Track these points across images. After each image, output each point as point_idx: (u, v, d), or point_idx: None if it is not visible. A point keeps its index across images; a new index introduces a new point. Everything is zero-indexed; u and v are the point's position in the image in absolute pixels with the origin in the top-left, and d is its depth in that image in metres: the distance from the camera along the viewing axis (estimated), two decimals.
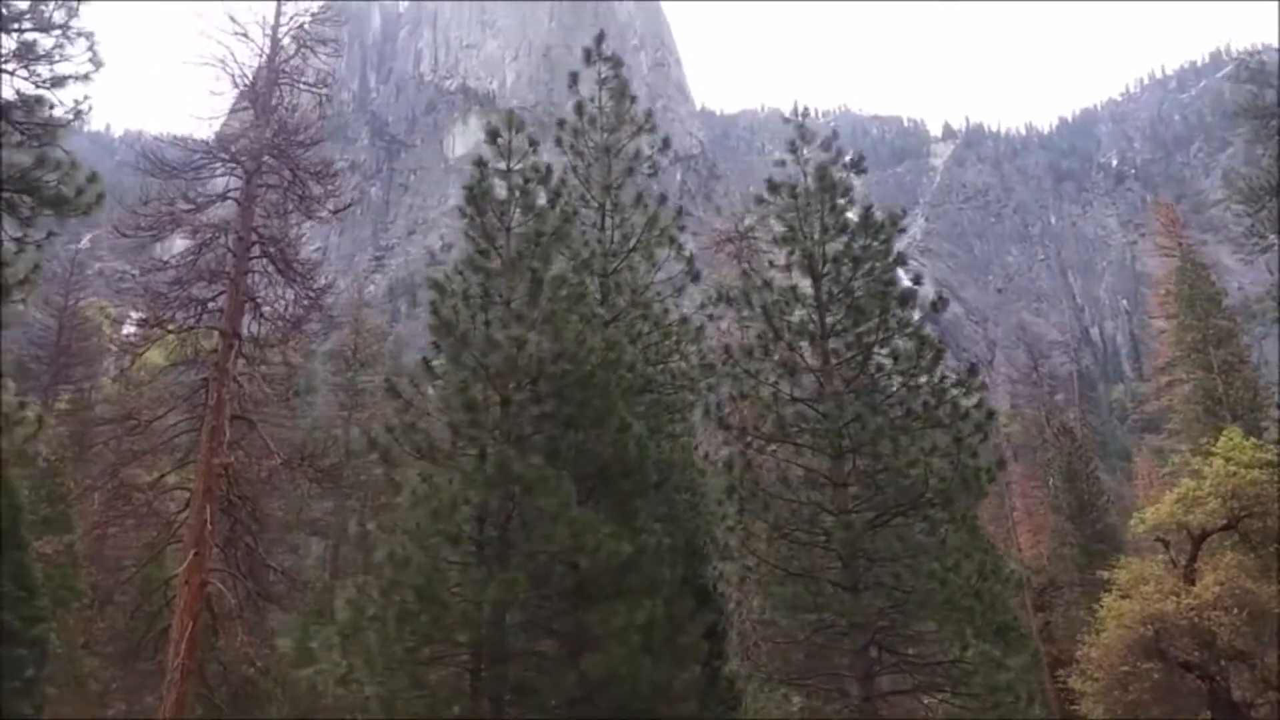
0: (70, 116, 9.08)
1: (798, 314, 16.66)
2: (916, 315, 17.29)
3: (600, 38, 18.67)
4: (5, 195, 8.64)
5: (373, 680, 9.96)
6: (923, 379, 16.04)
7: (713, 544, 16.44)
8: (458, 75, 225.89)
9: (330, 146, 27.68)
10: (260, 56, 28.95)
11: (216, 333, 25.79)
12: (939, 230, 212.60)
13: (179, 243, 30.70)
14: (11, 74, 8.66)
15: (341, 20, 31.09)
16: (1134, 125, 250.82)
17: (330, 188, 29.23)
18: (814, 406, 16.38)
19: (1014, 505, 52.62)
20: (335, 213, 29.89)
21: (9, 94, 8.83)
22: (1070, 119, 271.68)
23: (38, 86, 8.80)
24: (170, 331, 25.44)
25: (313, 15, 29.23)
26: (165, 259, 30.53)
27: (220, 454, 23.95)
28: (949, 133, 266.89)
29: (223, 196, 27.48)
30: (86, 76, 8.77)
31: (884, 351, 16.40)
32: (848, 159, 18.19)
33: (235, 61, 27.92)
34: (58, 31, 8.68)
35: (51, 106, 8.98)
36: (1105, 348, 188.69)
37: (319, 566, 40.02)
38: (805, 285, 17.44)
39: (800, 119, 19.04)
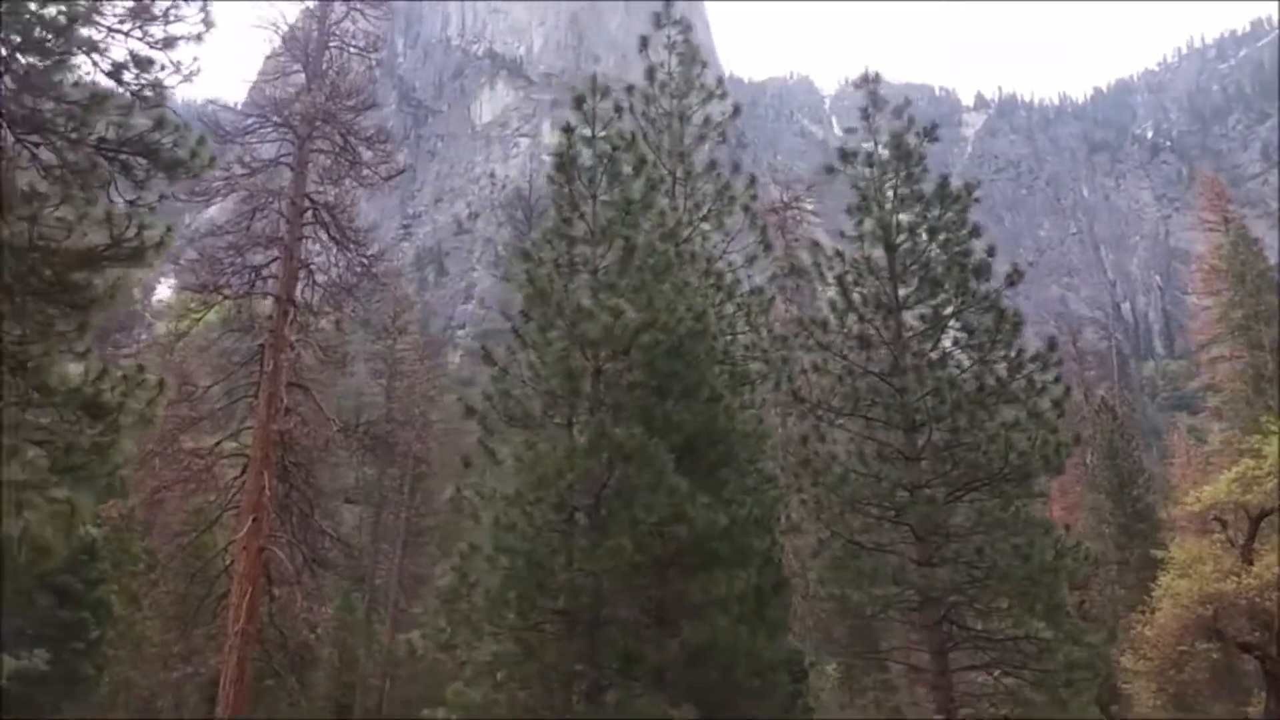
0: (181, 78, 8.94)
1: (871, 285, 16.44)
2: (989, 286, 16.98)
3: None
4: (122, 157, 8.57)
5: (477, 645, 9.98)
6: (999, 352, 15.82)
7: (777, 517, 16.35)
8: (484, 40, 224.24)
9: None
10: (311, 19, 28.87)
11: (271, 298, 25.93)
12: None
13: (215, 211, 30.80)
14: (126, 34, 8.53)
15: None
16: (1171, 96, 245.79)
17: (382, 153, 29.21)
18: (887, 380, 16.20)
19: (1048, 480, 52.25)
20: (387, 179, 29.87)
21: (121, 55, 8.70)
22: (1105, 89, 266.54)
23: (151, 47, 8.67)
24: (226, 297, 25.56)
25: None
26: (198, 227, 30.66)
27: (277, 420, 24.14)
28: (981, 102, 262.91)
29: (275, 162, 27.46)
30: (198, 37, 8.63)
31: (958, 324, 16.20)
32: (921, 127, 17.79)
33: (286, 23, 27.82)
34: None
35: (162, 67, 8.85)
36: (1137, 324, 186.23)
37: (356, 533, 40.44)
38: (876, 255, 17.21)
39: (872, 85, 18.62)
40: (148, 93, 8.91)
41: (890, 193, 16.96)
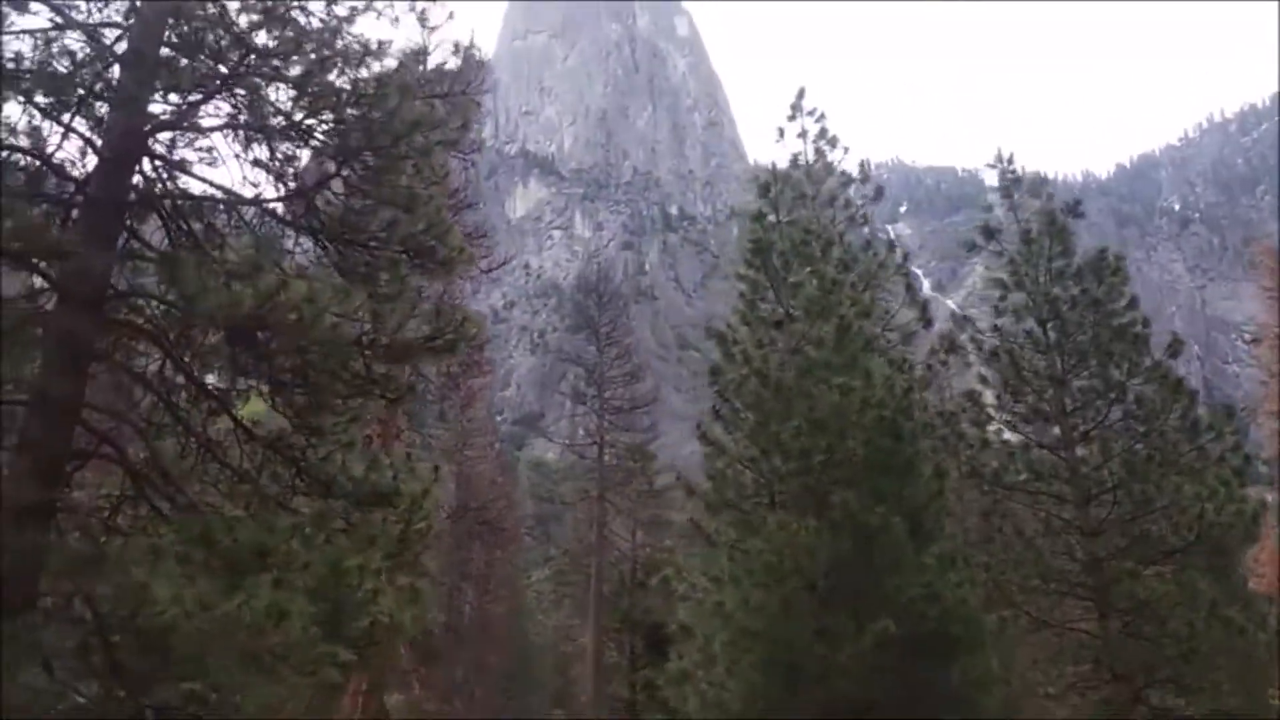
0: None
1: (1032, 360, 16.43)
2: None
3: (801, 92, 18.81)
4: (397, 254, 8.80)
5: None
6: (1172, 422, 15.67)
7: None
8: (517, 140, 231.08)
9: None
10: None
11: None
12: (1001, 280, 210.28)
13: None
14: None
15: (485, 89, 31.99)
16: (1195, 169, 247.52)
17: (483, 248, 29.94)
18: (1058, 453, 16.06)
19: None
20: (487, 271, 30.58)
21: None
22: (1129, 165, 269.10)
23: None
24: None
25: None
26: None
27: None
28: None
29: None
30: None
31: (1129, 397, 16.08)
32: (1064, 204, 18.03)
33: None
34: None
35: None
36: None
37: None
38: (1029, 329, 17.28)
39: (1007, 166, 19.04)
40: None
41: (1043, 267, 17.10)
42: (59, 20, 8.55)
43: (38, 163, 8.42)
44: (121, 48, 8.60)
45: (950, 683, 10.30)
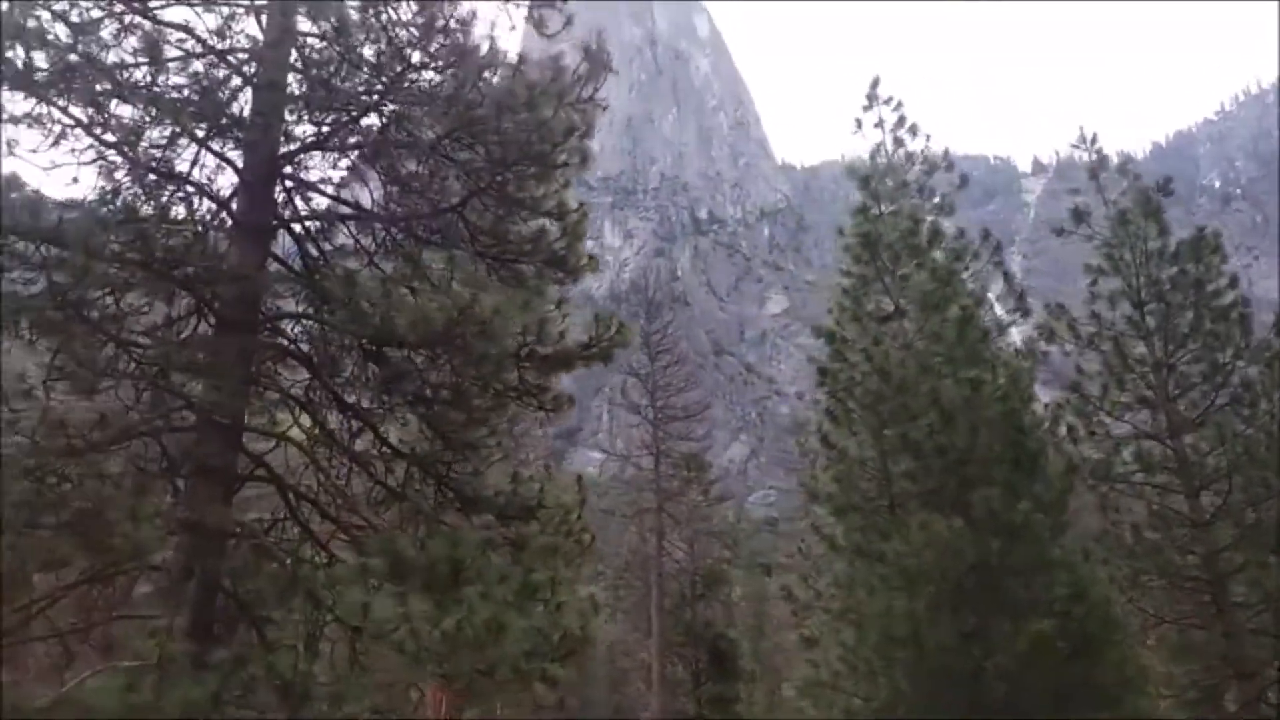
0: None
1: (1134, 346, 16.09)
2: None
3: (875, 81, 18.57)
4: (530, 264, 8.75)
5: None
6: None
7: None
8: None
9: None
10: None
11: None
12: (1039, 267, 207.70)
13: None
14: None
15: None
16: (1234, 144, 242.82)
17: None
18: (1164, 442, 15.70)
19: None
20: None
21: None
22: (1164, 143, 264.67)
23: None
24: None
25: None
26: None
27: None
28: (1039, 167, 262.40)
29: None
30: None
31: (1235, 380, 15.69)
32: (1155, 182, 17.65)
33: None
34: None
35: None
36: None
37: None
38: (1125, 314, 16.93)
39: (1092, 148, 18.71)
40: None
41: (1139, 250, 16.74)
42: (199, 49, 8.63)
43: (187, 187, 8.51)
44: (259, 71, 8.69)
45: (1100, 682, 10.05)
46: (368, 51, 7.48)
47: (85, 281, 6.06)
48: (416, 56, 7.36)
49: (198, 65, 8.58)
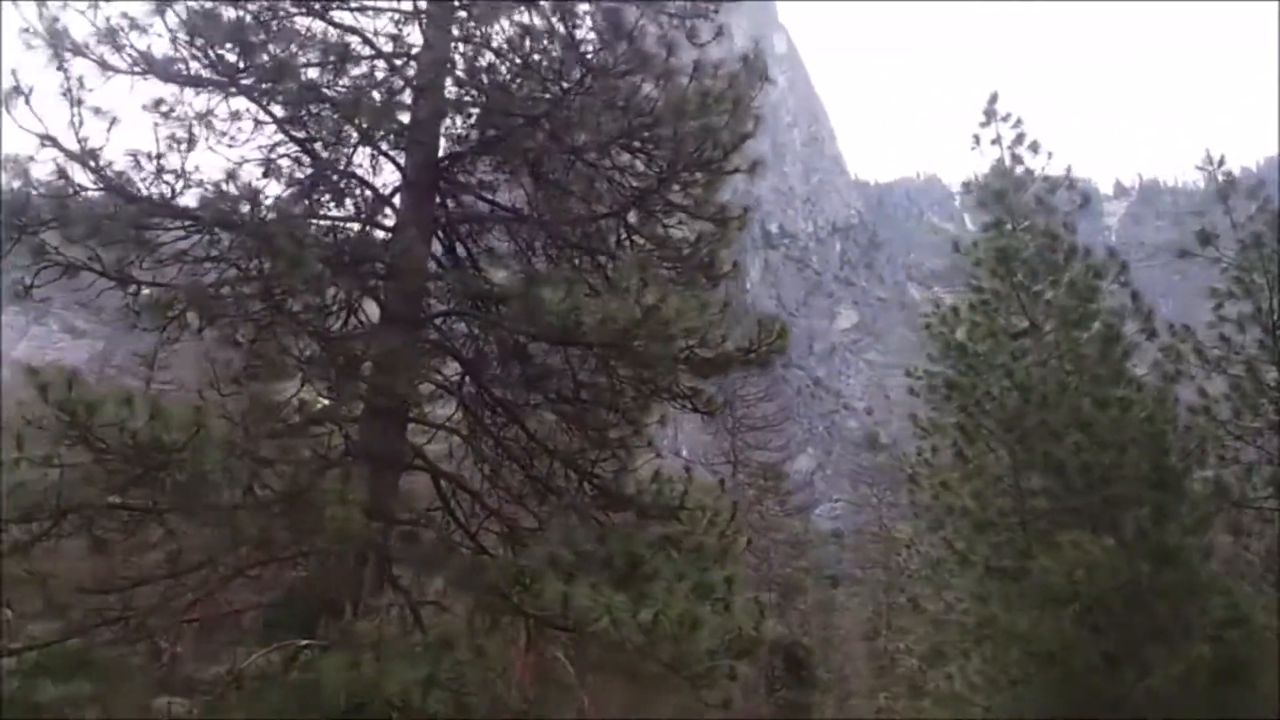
0: None
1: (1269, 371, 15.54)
2: None
3: (994, 97, 18.27)
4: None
5: None
6: None
7: None
8: None
9: None
10: None
11: None
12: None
13: None
14: None
15: None
16: None
17: None
18: None
19: None
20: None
21: None
22: (1255, 167, 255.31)
23: None
24: None
25: None
26: None
27: None
28: (1120, 190, 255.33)
29: None
30: None
31: None
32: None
33: None
34: None
35: None
36: None
37: None
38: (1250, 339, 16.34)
39: (1219, 168, 18.13)
40: None
41: (1265, 275, 16.15)
42: (369, 52, 8.91)
43: (355, 184, 8.77)
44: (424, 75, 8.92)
45: (1255, 709, 9.69)
46: (544, 56, 7.64)
47: (294, 275, 6.26)
48: (598, 61, 7.46)
49: (367, 68, 8.90)
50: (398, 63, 8.94)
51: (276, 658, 6.93)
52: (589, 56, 7.37)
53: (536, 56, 7.44)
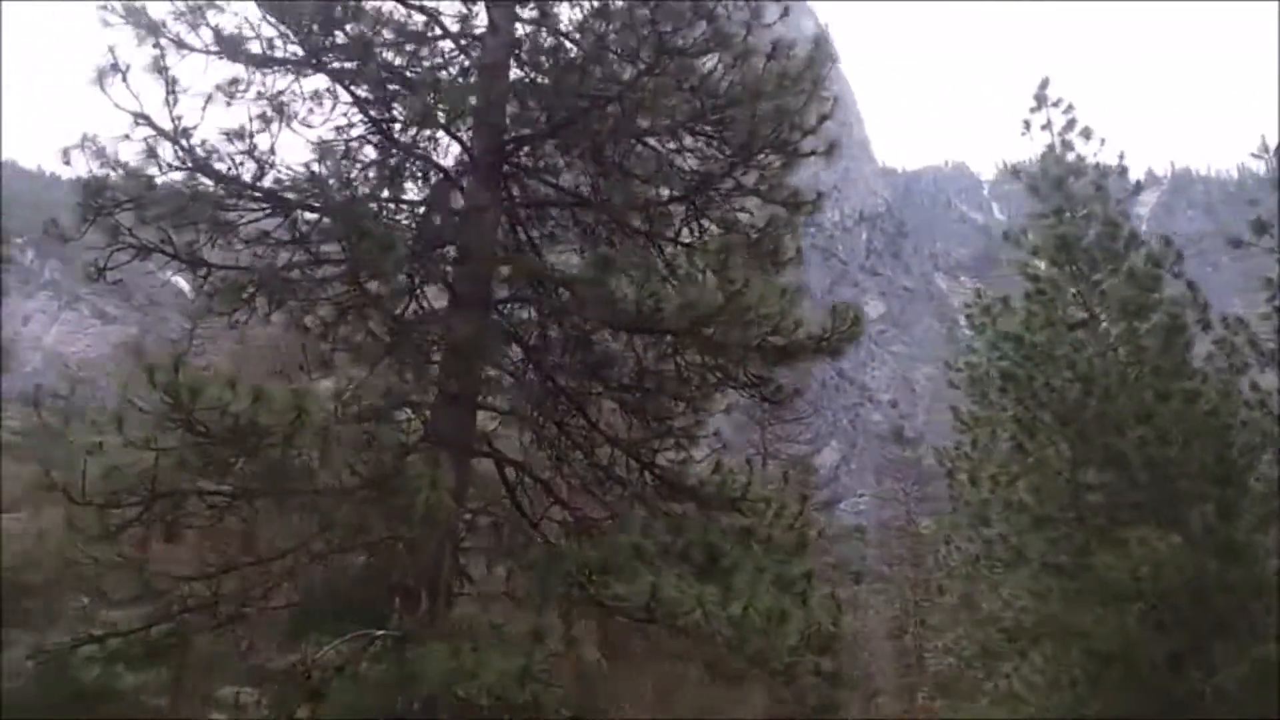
0: None
1: None
2: None
3: (1045, 83, 17.94)
4: None
5: None
6: None
7: None
8: None
9: None
10: None
11: None
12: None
13: None
14: None
15: None
16: None
17: None
18: None
19: None
20: None
21: None
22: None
23: None
24: None
25: None
26: None
27: None
28: (1152, 179, 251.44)
29: None
30: None
31: None
32: None
33: None
34: None
35: None
36: None
37: None
38: None
39: (1274, 155, 17.74)
40: None
41: None
42: (438, 32, 8.82)
43: (430, 167, 8.70)
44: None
45: None
46: (621, 38, 7.52)
47: (383, 258, 6.20)
48: (678, 42, 7.33)
49: (437, 49, 8.82)
50: (464, 43, 8.88)
51: (345, 648, 6.92)
52: (667, 37, 7.22)
53: (613, 36, 7.30)
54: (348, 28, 6.86)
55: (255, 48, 7.65)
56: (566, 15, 8.48)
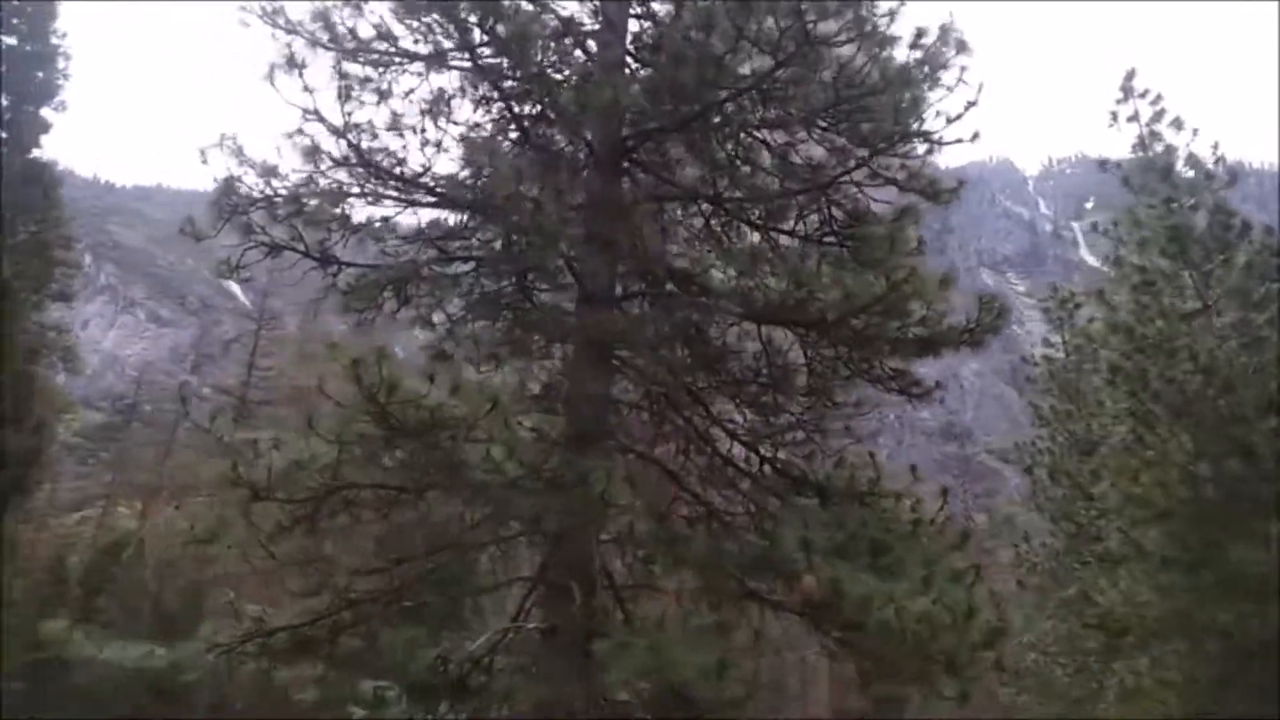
0: None
1: None
2: None
3: (1130, 73, 17.53)
4: None
5: None
6: None
7: None
8: None
9: None
10: None
11: None
12: None
13: None
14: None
15: None
16: None
17: None
18: None
19: None
20: None
21: None
22: None
23: None
24: None
25: None
26: None
27: None
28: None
29: None
30: None
31: None
32: None
33: None
34: None
35: None
36: None
37: None
38: None
39: None
40: None
41: None
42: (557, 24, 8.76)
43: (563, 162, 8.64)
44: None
45: None
46: (763, 29, 7.40)
47: (547, 253, 6.15)
48: (820, 30, 7.21)
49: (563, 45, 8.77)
50: (581, 37, 8.84)
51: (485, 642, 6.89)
52: (811, 26, 7.10)
53: (754, 27, 7.19)
54: (501, 25, 6.83)
55: (381, 46, 7.68)
56: (689, 8, 8.37)
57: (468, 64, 7.02)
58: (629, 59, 9.06)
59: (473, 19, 6.62)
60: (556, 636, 6.53)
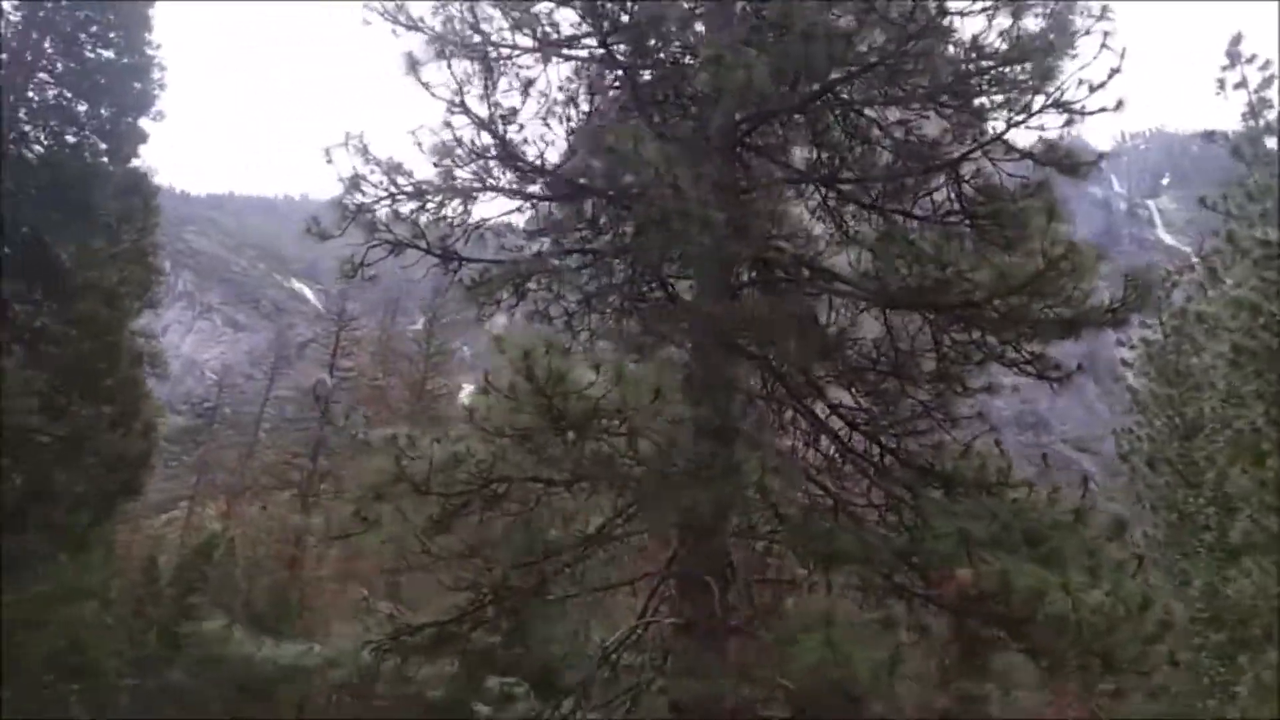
0: None
1: None
2: None
3: (1237, 38, 16.75)
4: None
5: None
6: None
7: None
8: None
9: None
10: None
11: None
12: None
13: None
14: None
15: None
16: None
17: None
18: None
19: None
20: None
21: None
22: None
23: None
24: None
25: None
26: None
27: None
28: None
29: None
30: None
31: None
32: None
33: None
34: None
35: None
36: None
37: None
38: None
39: None
40: None
41: None
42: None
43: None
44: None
45: None
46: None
47: (691, 240, 6.02)
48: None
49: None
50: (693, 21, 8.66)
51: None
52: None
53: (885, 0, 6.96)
54: (635, 9, 6.72)
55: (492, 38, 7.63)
56: None
57: (600, 51, 6.92)
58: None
59: (609, 4, 6.51)
60: (691, 632, 6.41)
